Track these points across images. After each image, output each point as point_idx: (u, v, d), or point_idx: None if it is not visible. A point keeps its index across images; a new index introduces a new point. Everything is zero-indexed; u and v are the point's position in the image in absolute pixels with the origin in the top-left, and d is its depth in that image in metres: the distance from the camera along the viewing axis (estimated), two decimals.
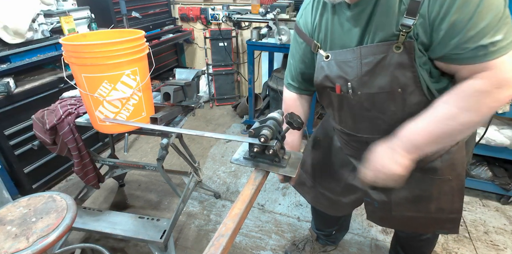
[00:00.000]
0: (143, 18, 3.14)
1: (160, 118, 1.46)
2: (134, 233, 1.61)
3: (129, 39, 1.26)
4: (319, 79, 0.95)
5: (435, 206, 1.10)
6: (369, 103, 0.89)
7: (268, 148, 1.01)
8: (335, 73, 0.90)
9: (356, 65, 0.85)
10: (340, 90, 0.91)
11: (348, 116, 0.98)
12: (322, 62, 0.93)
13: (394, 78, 0.81)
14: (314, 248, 1.78)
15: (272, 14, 2.35)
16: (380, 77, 0.83)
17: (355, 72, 0.86)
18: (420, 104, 0.84)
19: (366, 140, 0.99)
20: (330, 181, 1.28)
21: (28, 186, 2.11)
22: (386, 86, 0.83)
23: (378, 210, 1.19)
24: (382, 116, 0.90)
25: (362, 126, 0.97)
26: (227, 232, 0.80)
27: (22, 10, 1.94)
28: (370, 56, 0.82)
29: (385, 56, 0.80)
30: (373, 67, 0.82)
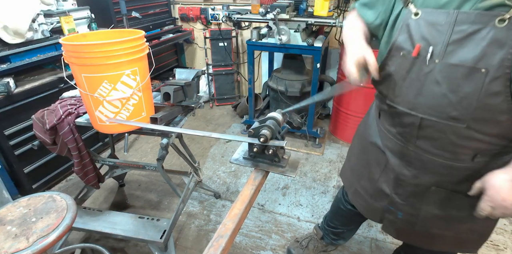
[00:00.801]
0: (143, 18, 3.14)
1: (160, 118, 1.46)
2: (134, 233, 1.61)
3: (129, 39, 1.26)
4: (399, 39, 0.85)
5: (467, 227, 1.01)
6: (443, 76, 0.78)
7: (267, 147, 1.01)
8: (419, 34, 0.80)
9: (446, 30, 0.76)
10: (417, 53, 0.81)
11: (411, 87, 0.86)
12: (409, 19, 0.82)
13: (483, 56, 0.71)
14: (317, 247, 1.77)
15: (272, 14, 2.35)
16: (467, 49, 0.73)
17: (442, 37, 0.77)
18: (499, 97, 0.73)
19: (419, 122, 0.87)
20: (365, 179, 1.20)
21: (28, 186, 2.11)
22: (470, 61, 0.73)
23: (400, 222, 1.10)
24: (451, 96, 0.78)
25: (423, 101, 0.84)
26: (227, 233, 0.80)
27: (22, 10, 1.94)
28: (465, 24, 0.73)
29: (482, 28, 0.71)
30: (464, 37, 0.73)
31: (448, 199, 0.97)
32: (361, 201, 1.25)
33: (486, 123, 0.78)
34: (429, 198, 0.99)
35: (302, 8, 2.63)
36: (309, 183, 2.43)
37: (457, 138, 0.83)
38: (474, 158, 0.86)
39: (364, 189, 1.22)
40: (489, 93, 0.73)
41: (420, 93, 0.84)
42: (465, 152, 0.85)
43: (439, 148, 0.88)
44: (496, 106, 0.74)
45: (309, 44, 2.43)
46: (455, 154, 0.87)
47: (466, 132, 0.81)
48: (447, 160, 0.89)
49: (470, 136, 0.81)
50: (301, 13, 2.64)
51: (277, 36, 2.44)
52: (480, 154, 0.85)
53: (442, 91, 0.79)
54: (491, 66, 0.71)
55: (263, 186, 1.33)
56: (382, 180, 1.11)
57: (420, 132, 0.89)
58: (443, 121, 0.82)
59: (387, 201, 1.11)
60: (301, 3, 2.63)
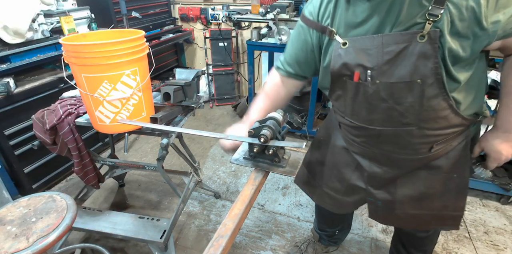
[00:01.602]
0: (143, 18, 3.14)
1: (160, 118, 1.46)
2: (134, 233, 1.61)
3: (129, 39, 1.26)
4: (336, 67, 0.92)
5: (439, 203, 1.11)
6: (387, 93, 0.87)
7: (268, 148, 1.01)
8: (353, 60, 0.87)
9: (377, 53, 0.83)
10: (358, 78, 0.88)
11: (362, 107, 0.95)
12: (339, 49, 0.89)
13: (415, 69, 0.80)
14: (316, 249, 1.78)
15: (272, 14, 2.35)
16: (401, 66, 0.81)
17: (375, 60, 0.83)
18: (438, 98, 0.83)
19: (378, 132, 0.97)
20: (333, 180, 1.28)
21: (28, 186, 2.11)
22: (406, 76, 0.82)
23: (381, 209, 1.20)
24: (398, 107, 0.88)
25: (376, 117, 0.95)
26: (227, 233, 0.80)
27: (22, 10, 1.94)
28: (392, 45, 0.80)
29: (408, 45, 0.78)
30: (394, 56, 0.81)
31: (416, 177, 1.09)
32: (329, 200, 1.33)
33: (434, 120, 0.89)
34: (400, 180, 1.11)
35: (302, 8, 2.63)
36: None
37: (413, 138, 0.94)
38: (431, 149, 0.98)
39: (333, 189, 1.29)
40: (429, 97, 0.83)
41: (371, 111, 0.94)
42: (423, 146, 0.97)
43: (400, 147, 0.99)
44: (438, 106, 0.85)
45: None
46: (415, 150, 0.99)
47: (419, 132, 0.92)
48: (409, 155, 1.01)
49: (423, 134, 0.92)
50: (301, 13, 2.64)
51: (277, 36, 2.44)
52: (435, 145, 0.97)
53: (389, 105, 0.89)
54: (424, 77, 0.80)
55: (263, 186, 1.33)
56: (355, 178, 1.21)
57: (380, 139, 1.00)
58: (398, 128, 0.93)
59: (364, 193, 1.21)
60: (301, 3, 2.64)
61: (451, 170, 1.04)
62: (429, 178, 1.07)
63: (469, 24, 0.75)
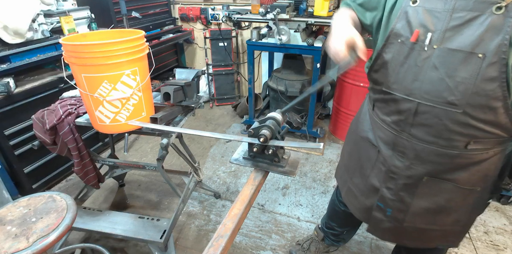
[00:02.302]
0: (143, 18, 3.14)
1: (160, 118, 1.46)
2: (134, 233, 1.61)
3: (129, 39, 1.26)
4: (398, 26, 0.87)
5: (454, 217, 1.03)
6: (441, 61, 0.80)
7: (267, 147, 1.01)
8: (418, 20, 0.82)
9: (445, 17, 0.78)
10: (416, 39, 0.83)
11: (409, 73, 0.87)
12: (407, 7, 0.85)
13: (480, 42, 0.74)
14: (319, 248, 1.77)
15: (272, 14, 2.35)
16: (465, 35, 0.76)
17: (440, 24, 0.79)
18: (494, 83, 0.75)
19: (416, 107, 0.89)
20: (357, 176, 1.21)
21: (28, 186, 2.11)
22: (467, 47, 0.76)
23: (388, 220, 1.11)
24: (448, 80, 0.80)
25: (420, 86, 0.86)
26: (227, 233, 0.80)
27: (22, 10, 1.94)
28: (463, 11, 0.75)
29: (480, 15, 0.73)
30: (462, 23, 0.76)
31: (440, 189, 0.99)
32: (353, 199, 1.26)
33: (482, 109, 0.80)
34: (421, 189, 1.01)
35: (302, 8, 2.63)
36: (309, 183, 2.43)
37: (453, 123, 0.85)
38: (468, 145, 0.88)
39: (356, 186, 1.22)
40: (485, 79, 0.75)
41: (417, 79, 0.86)
42: (459, 139, 0.87)
43: (434, 134, 0.90)
44: (491, 92, 0.76)
45: (309, 44, 2.43)
46: (449, 140, 0.88)
47: (461, 118, 0.83)
48: (441, 148, 0.91)
49: (465, 122, 0.83)
50: (301, 13, 2.64)
51: (277, 36, 2.44)
52: (473, 141, 0.87)
53: (439, 76, 0.81)
54: (488, 52, 0.73)
55: (263, 186, 1.33)
56: (373, 174, 1.12)
57: (416, 119, 0.90)
58: (440, 107, 0.84)
59: (377, 197, 1.12)
60: (301, 3, 2.63)
61: (476, 183, 0.96)
62: (452, 190, 0.97)
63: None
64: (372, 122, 1.11)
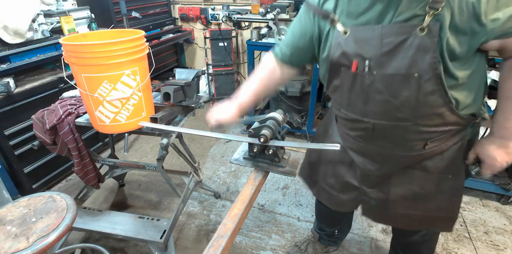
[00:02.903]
0: (143, 18, 3.14)
1: (160, 118, 1.46)
2: (134, 233, 1.61)
3: (129, 39, 1.26)
4: (336, 56, 0.92)
5: (433, 204, 1.10)
6: (383, 85, 0.86)
7: (268, 148, 1.01)
8: (353, 50, 0.87)
9: (376, 44, 0.82)
10: (356, 68, 0.88)
11: (358, 98, 0.95)
12: (339, 38, 0.89)
13: (413, 62, 0.79)
14: (316, 249, 1.78)
15: (272, 14, 2.35)
16: (399, 58, 0.81)
17: (374, 51, 0.83)
18: (434, 94, 0.82)
19: (372, 126, 0.97)
20: (329, 176, 1.28)
21: (28, 186, 2.11)
22: (403, 69, 0.81)
23: (375, 208, 1.20)
24: (394, 101, 0.87)
25: (371, 109, 0.94)
26: (227, 233, 0.80)
27: (22, 10, 1.94)
28: (391, 36, 0.80)
29: (407, 37, 0.78)
30: (393, 47, 0.80)
31: (410, 177, 1.08)
32: (327, 195, 1.33)
33: (429, 117, 0.88)
34: (394, 179, 1.10)
35: None
36: None
37: (408, 133, 0.94)
38: (425, 146, 0.97)
39: (329, 185, 1.29)
40: (425, 93, 0.82)
41: (367, 102, 0.93)
42: (417, 143, 0.97)
43: (394, 143, 0.99)
44: (434, 102, 0.84)
45: None
46: (409, 146, 0.98)
47: (414, 128, 0.91)
48: (403, 152, 1.01)
49: (418, 130, 0.92)
50: None
51: (277, 36, 2.44)
52: (429, 142, 0.96)
53: (385, 98, 0.88)
54: (422, 71, 0.79)
55: (263, 186, 1.33)
56: (349, 175, 1.21)
57: (374, 134, 0.98)
58: (392, 123, 0.92)
59: (358, 192, 1.21)
60: (301, 3, 2.64)
61: (446, 171, 1.03)
62: (423, 178, 1.06)
63: (468, 19, 0.74)
64: (340, 133, 1.18)
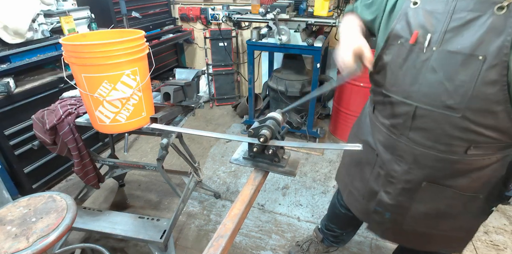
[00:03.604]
0: (143, 18, 3.13)
1: (160, 118, 1.46)
2: (134, 233, 1.61)
3: (129, 39, 1.26)
4: (397, 27, 0.85)
5: (455, 224, 1.01)
6: (439, 64, 0.78)
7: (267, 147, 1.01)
8: (418, 21, 0.80)
9: (445, 18, 0.76)
10: (415, 40, 0.81)
11: (407, 75, 0.85)
12: (407, 8, 0.83)
13: (481, 43, 0.71)
14: (318, 249, 1.77)
15: (272, 14, 2.35)
16: (465, 37, 0.73)
17: (440, 25, 0.77)
18: (495, 86, 0.72)
19: (413, 111, 0.87)
20: (357, 179, 1.20)
21: (28, 186, 2.11)
22: (467, 48, 0.73)
23: (387, 222, 1.10)
24: (447, 83, 0.78)
25: (418, 89, 0.84)
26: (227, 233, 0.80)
27: (22, 10, 1.93)
28: (464, 11, 0.73)
29: (481, 15, 0.71)
30: (462, 24, 0.73)
31: (439, 195, 0.96)
32: (355, 202, 1.24)
33: (482, 113, 0.77)
34: (420, 194, 0.99)
35: (302, 8, 2.63)
36: (309, 183, 2.43)
37: (452, 128, 0.82)
38: (468, 150, 0.85)
39: (357, 190, 1.21)
40: (485, 82, 0.73)
41: (416, 81, 0.83)
42: (459, 144, 0.84)
43: (433, 139, 0.87)
44: (492, 96, 0.74)
45: (309, 44, 2.43)
46: (448, 145, 0.86)
47: (461, 122, 0.80)
48: (440, 153, 0.88)
49: (464, 126, 0.80)
50: (301, 13, 2.64)
51: (277, 36, 2.44)
52: (473, 146, 0.84)
53: (438, 79, 0.79)
54: (488, 54, 0.71)
55: (263, 186, 1.33)
56: (373, 178, 1.10)
57: (414, 122, 0.88)
58: (438, 111, 0.81)
59: (375, 201, 1.10)
60: (301, 3, 2.63)
61: (478, 190, 0.94)
62: (452, 197, 0.95)
63: None
64: (372, 125, 1.10)
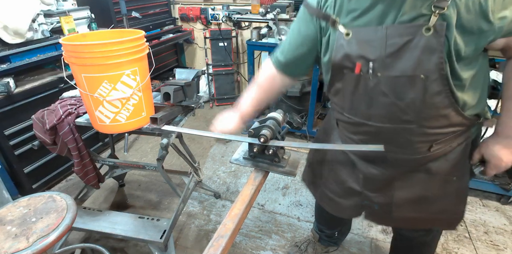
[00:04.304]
0: (143, 18, 3.14)
1: (160, 118, 1.46)
2: (134, 233, 1.61)
3: (129, 39, 1.26)
4: (338, 58, 0.89)
5: (438, 207, 1.08)
6: (388, 88, 0.84)
7: (268, 148, 1.01)
8: (355, 52, 0.84)
9: (380, 45, 0.80)
10: (359, 70, 0.85)
11: (361, 101, 0.92)
12: (341, 40, 0.86)
13: (419, 63, 0.77)
14: (316, 249, 1.78)
15: (272, 14, 2.35)
16: (404, 60, 0.78)
17: (378, 52, 0.81)
18: (440, 95, 0.80)
19: (376, 129, 0.94)
20: (331, 182, 1.26)
21: (28, 186, 2.11)
22: (408, 70, 0.79)
23: (378, 212, 1.18)
24: (399, 103, 0.84)
25: (375, 112, 0.91)
26: (227, 233, 0.80)
27: (22, 10, 1.93)
28: (396, 37, 0.77)
29: (412, 38, 0.76)
30: (398, 49, 0.78)
31: (414, 180, 1.05)
32: (329, 201, 1.31)
33: (435, 119, 0.87)
34: (397, 183, 1.08)
35: None
36: None
37: (412, 136, 0.91)
38: (431, 148, 0.95)
39: (331, 191, 1.27)
40: (432, 94, 0.80)
41: (371, 105, 0.90)
42: (422, 146, 0.95)
43: (399, 147, 0.96)
44: (440, 103, 0.82)
45: None
46: (414, 149, 0.96)
47: (419, 130, 0.89)
48: (407, 155, 0.98)
49: (423, 132, 0.90)
50: None
51: (277, 36, 2.44)
52: (434, 144, 0.94)
53: (390, 100, 0.85)
54: (428, 72, 0.77)
55: (263, 186, 1.33)
56: (351, 180, 1.17)
57: (378, 137, 0.96)
58: (397, 126, 0.90)
59: (360, 197, 1.18)
60: (301, 3, 2.63)
61: (450, 173, 1.02)
62: (427, 180, 1.04)
63: (475, 18, 0.72)
64: (340, 137, 1.16)
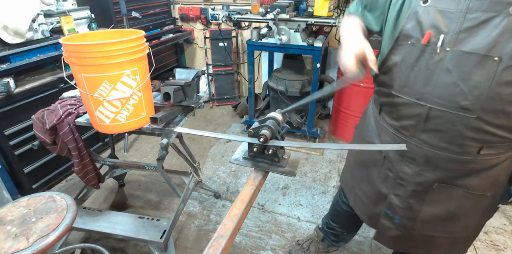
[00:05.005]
0: (143, 18, 3.13)
1: (160, 118, 1.46)
2: (134, 233, 1.61)
3: (129, 39, 1.26)
4: (407, 27, 0.82)
5: (462, 224, 1.01)
6: (454, 64, 0.76)
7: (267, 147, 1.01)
8: (429, 21, 0.78)
9: (458, 18, 0.74)
10: (428, 40, 0.79)
11: (420, 76, 0.83)
12: (418, 6, 0.80)
13: (496, 44, 0.70)
14: (318, 248, 1.77)
15: (272, 14, 2.35)
16: (480, 37, 0.72)
17: (453, 25, 0.75)
18: (510, 87, 0.72)
19: (427, 113, 0.85)
20: (364, 182, 1.18)
21: (28, 186, 2.11)
22: (482, 49, 0.72)
23: (396, 228, 1.08)
24: (462, 84, 0.76)
25: (432, 90, 0.82)
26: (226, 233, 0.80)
27: (22, 10, 1.93)
28: (478, 12, 0.71)
29: (495, 16, 0.69)
30: (476, 24, 0.72)
31: (450, 195, 0.96)
32: (362, 206, 1.22)
33: (496, 114, 0.77)
34: (430, 196, 0.98)
35: (302, 8, 2.63)
36: (309, 183, 2.43)
37: (466, 129, 0.81)
38: (480, 150, 0.85)
39: (364, 193, 1.19)
40: (500, 83, 0.72)
41: (429, 82, 0.82)
42: (472, 144, 0.84)
43: (446, 140, 0.86)
44: (507, 96, 0.73)
45: (309, 44, 2.43)
46: (462, 146, 0.85)
47: (475, 123, 0.80)
48: (453, 154, 0.88)
49: (479, 127, 0.80)
50: (301, 13, 2.64)
51: (277, 36, 2.44)
52: (486, 146, 0.84)
53: (452, 79, 0.77)
54: (504, 55, 0.70)
55: (263, 186, 1.33)
56: (380, 180, 1.08)
57: (426, 124, 0.87)
58: (453, 112, 0.80)
59: (385, 204, 1.08)
60: (301, 3, 2.63)
61: (486, 189, 0.94)
62: (463, 196, 0.94)
63: None
64: (378, 127, 1.07)
